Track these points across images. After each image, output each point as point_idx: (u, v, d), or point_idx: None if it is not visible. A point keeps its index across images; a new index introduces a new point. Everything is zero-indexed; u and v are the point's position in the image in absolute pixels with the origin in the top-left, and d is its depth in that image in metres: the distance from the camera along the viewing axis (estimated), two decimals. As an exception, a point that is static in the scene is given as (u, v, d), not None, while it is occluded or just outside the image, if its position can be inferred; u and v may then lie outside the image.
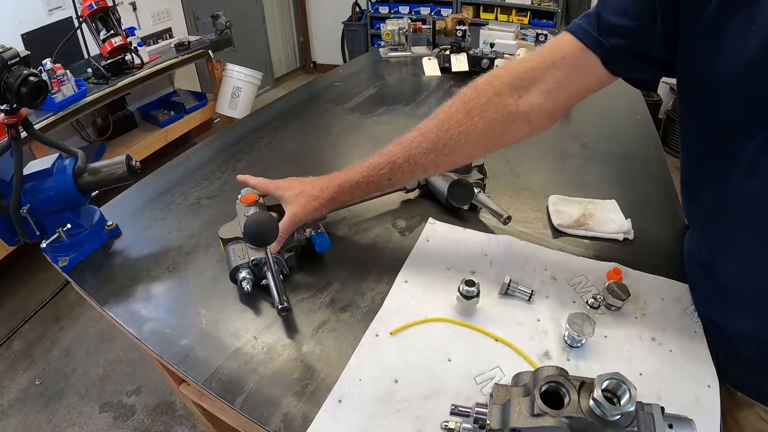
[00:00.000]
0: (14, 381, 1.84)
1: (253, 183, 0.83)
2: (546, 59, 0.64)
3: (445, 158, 0.70)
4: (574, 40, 0.62)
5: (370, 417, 0.56)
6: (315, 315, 0.71)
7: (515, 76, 0.66)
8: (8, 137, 0.74)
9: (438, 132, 0.68)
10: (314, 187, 0.76)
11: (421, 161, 0.69)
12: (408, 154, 0.70)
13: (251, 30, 4.30)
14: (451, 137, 0.67)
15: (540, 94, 0.65)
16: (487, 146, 0.70)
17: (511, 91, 0.65)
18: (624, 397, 0.44)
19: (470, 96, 0.68)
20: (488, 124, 0.66)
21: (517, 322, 0.68)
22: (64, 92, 2.12)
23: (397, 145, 0.72)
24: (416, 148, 0.69)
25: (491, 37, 1.91)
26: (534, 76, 0.65)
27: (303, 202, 0.74)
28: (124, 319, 0.72)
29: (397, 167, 0.70)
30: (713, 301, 0.67)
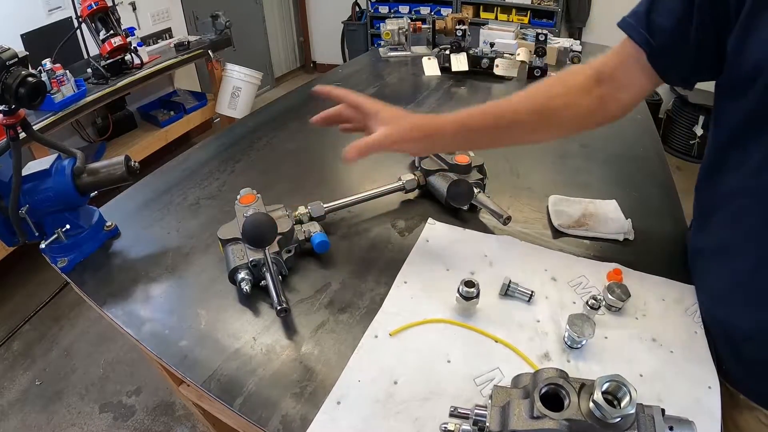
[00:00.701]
0: (14, 381, 1.84)
1: (337, 93, 0.77)
2: (617, 57, 0.71)
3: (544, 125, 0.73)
4: (630, 42, 0.68)
5: (369, 418, 0.56)
6: (314, 316, 0.71)
7: (597, 69, 0.73)
8: (7, 138, 0.74)
9: (542, 98, 0.73)
10: (416, 116, 0.72)
11: (522, 120, 0.72)
12: (515, 109, 0.73)
13: (251, 30, 4.30)
14: (553, 107, 0.72)
15: (616, 88, 0.71)
16: (578, 124, 0.75)
17: (596, 82, 0.72)
18: (624, 399, 0.43)
19: (565, 76, 0.75)
20: (583, 101, 0.72)
21: (516, 323, 0.68)
22: (63, 92, 2.12)
23: (504, 101, 0.74)
24: (521, 106, 0.73)
25: (491, 36, 1.91)
26: (610, 73, 0.72)
27: (403, 125, 0.70)
28: (123, 320, 0.72)
29: (503, 120, 0.72)
30: (720, 295, 0.67)
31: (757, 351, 0.62)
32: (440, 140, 0.73)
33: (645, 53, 0.66)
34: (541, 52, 1.64)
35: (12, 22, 2.35)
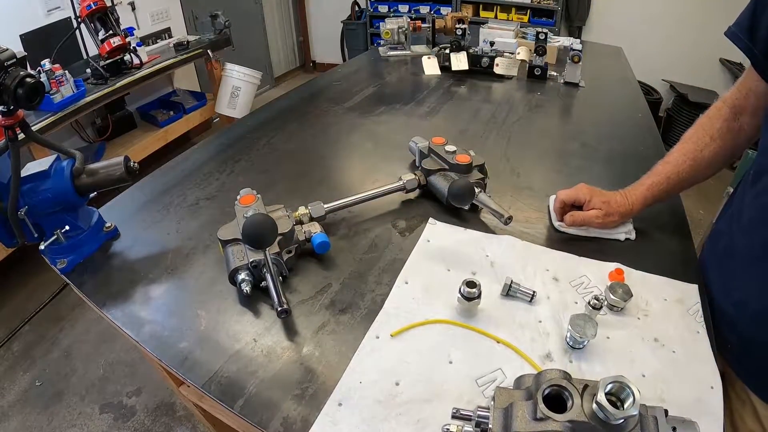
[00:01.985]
0: (14, 382, 1.84)
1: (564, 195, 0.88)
2: (743, 88, 0.79)
3: (703, 171, 0.83)
4: (752, 71, 0.75)
5: (371, 420, 0.55)
6: (315, 317, 0.70)
7: (730, 104, 0.81)
8: (5, 139, 0.73)
9: (695, 153, 0.82)
10: (622, 197, 0.85)
11: (685, 176, 0.83)
12: (678, 171, 0.83)
13: (250, 29, 4.29)
14: (704, 157, 0.81)
15: (748, 116, 0.79)
16: (727, 159, 0.83)
17: (733, 117, 0.81)
18: (628, 400, 0.43)
19: (709, 124, 0.83)
20: (727, 143, 0.81)
21: (518, 324, 0.68)
22: (63, 93, 2.11)
23: (668, 163, 0.84)
24: (681, 164, 0.82)
25: (491, 35, 1.91)
26: (741, 104, 0.80)
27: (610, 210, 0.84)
28: (122, 322, 0.72)
29: (678, 176, 0.83)
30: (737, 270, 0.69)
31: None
32: (640, 208, 0.85)
33: (750, 61, 0.72)
34: (541, 51, 1.64)
35: (11, 23, 2.35)
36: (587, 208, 0.85)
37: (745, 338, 0.68)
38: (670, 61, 3.56)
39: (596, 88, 1.61)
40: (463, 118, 1.37)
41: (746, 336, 0.67)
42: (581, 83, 1.60)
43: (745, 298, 0.67)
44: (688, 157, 0.82)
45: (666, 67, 3.57)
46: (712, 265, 0.77)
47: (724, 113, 0.81)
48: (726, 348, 0.70)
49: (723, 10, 0.70)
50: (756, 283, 0.66)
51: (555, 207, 0.89)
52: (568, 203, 0.87)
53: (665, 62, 3.57)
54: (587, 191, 0.85)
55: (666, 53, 3.60)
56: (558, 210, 0.88)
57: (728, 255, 0.73)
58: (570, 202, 0.87)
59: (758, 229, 0.66)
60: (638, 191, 0.84)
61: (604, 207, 0.83)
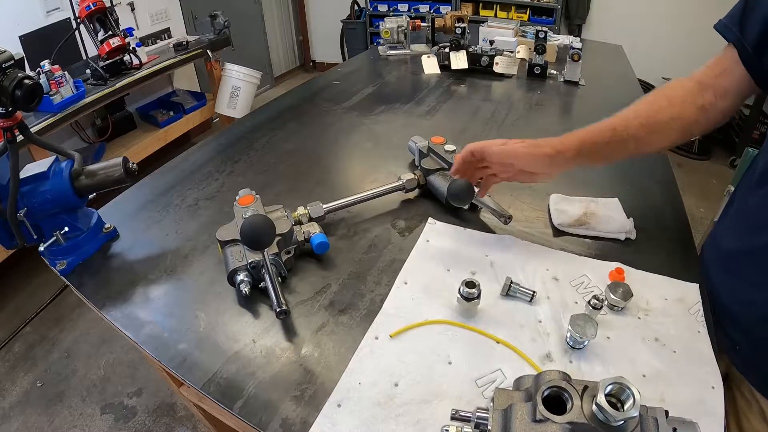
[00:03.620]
0: (15, 383, 1.84)
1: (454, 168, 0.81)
2: (717, 66, 0.75)
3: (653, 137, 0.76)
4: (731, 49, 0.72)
5: (370, 421, 0.55)
6: (314, 318, 0.70)
7: (698, 79, 0.76)
8: (4, 141, 0.73)
9: (649, 112, 0.76)
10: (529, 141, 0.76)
11: (635, 133, 0.75)
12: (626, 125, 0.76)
13: (250, 29, 4.29)
14: (659, 120, 0.75)
15: (716, 96, 0.74)
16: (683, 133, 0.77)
17: (698, 91, 0.75)
18: (628, 402, 0.43)
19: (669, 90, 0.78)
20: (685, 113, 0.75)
21: (518, 324, 0.68)
22: (62, 93, 2.12)
23: (613, 117, 0.77)
24: (632, 120, 0.76)
25: (491, 34, 1.90)
26: (710, 82, 0.75)
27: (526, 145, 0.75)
28: (122, 323, 0.72)
29: (617, 133, 0.75)
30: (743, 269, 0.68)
31: None
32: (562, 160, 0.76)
33: (738, 53, 0.69)
34: (541, 50, 1.63)
35: (10, 24, 2.35)
36: None
37: (754, 339, 0.67)
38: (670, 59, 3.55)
39: (596, 86, 1.61)
40: (462, 117, 1.37)
41: (756, 337, 0.66)
42: (581, 82, 1.60)
43: (754, 299, 0.66)
44: (640, 116, 0.75)
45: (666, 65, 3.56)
46: (715, 264, 0.75)
47: (687, 85, 0.76)
48: (734, 350, 0.69)
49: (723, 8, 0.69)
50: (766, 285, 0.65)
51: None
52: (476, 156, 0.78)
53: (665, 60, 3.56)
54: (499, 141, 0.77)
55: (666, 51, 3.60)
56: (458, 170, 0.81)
57: (733, 256, 0.72)
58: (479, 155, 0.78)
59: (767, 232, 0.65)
60: (574, 135, 0.76)
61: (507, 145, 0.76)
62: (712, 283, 0.74)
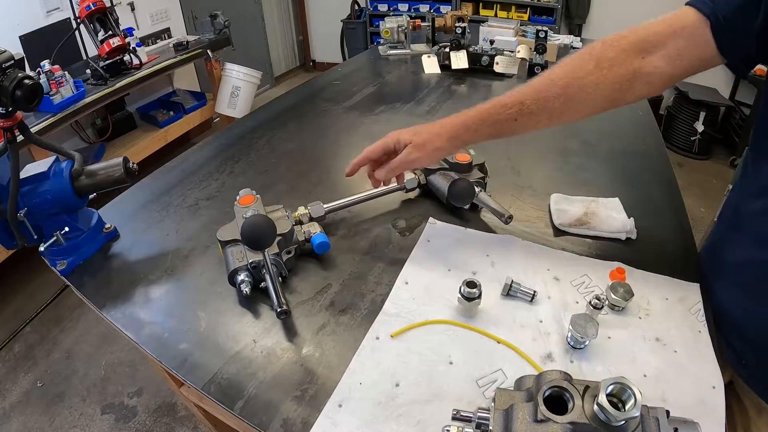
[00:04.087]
0: (16, 383, 1.84)
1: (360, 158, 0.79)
2: (668, 27, 0.65)
3: (572, 106, 0.70)
4: (695, 12, 0.63)
5: (371, 422, 0.55)
6: (314, 318, 0.70)
7: (641, 37, 0.67)
8: (4, 141, 0.73)
9: (568, 79, 0.69)
10: (431, 125, 0.76)
11: (548, 105, 0.69)
12: (537, 96, 0.70)
13: (250, 29, 4.29)
14: (581, 87, 0.68)
15: (662, 58, 0.66)
16: (612, 100, 0.70)
17: (636, 52, 0.66)
18: (629, 402, 0.43)
19: (599, 50, 0.69)
20: (616, 77, 0.67)
21: (519, 324, 0.67)
22: (62, 93, 2.11)
23: (526, 86, 0.71)
24: (546, 91, 0.69)
25: (491, 34, 1.90)
26: (658, 41, 0.66)
27: (424, 138, 0.75)
28: (122, 323, 0.72)
29: (526, 107, 0.70)
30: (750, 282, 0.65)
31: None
32: (470, 135, 0.74)
33: (709, 25, 0.61)
34: (542, 49, 1.63)
35: (10, 24, 2.35)
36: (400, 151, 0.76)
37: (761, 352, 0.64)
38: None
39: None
40: (463, 117, 1.37)
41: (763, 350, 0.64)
42: (582, 81, 1.59)
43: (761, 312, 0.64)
44: (557, 84, 0.68)
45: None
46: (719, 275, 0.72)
47: (624, 44, 0.67)
48: (740, 362, 0.67)
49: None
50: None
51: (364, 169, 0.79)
52: (375, 159, 0.78)
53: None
54: (393, 135, 0.77)
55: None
56: (370, 176, 0.80)
57: (739, 268, 0.68)
58: (378, 156, 0.78)
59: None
60: (473, 111, 0.73)
61: (414, 138, 0.75)
62: (716, 295, 0.71)
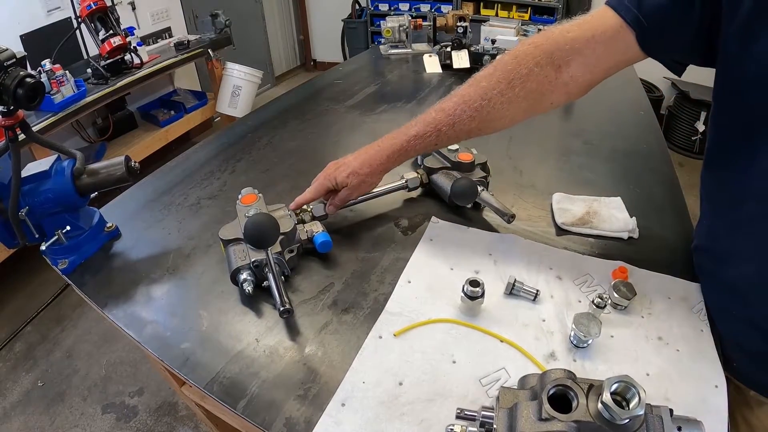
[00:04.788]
0: (16, 383, 1.84)
1: (298, 201, 0.85)
2: (586, 32, 0.65)
3: (488, 124, 0.73)
4: (615, 16, 0.62)
5: (374, 421, 0.55)
6: (317, 317, 0.70)
7: (556, 47, 0.66)
8: (6, 139, 0.73)
9: (481, 101, 0.71)
10: (363, 164, 0.82)
11: (464, 128, 0.73)
12: (453, 122, 0.74)
13: (251, 28, 4.29)
14: (494, 106, 0.70)
15: (579, 66, 0.66)
16: (527, 113, 0.73)
17: (551, 63, 0.67)
18: (633, 400, 0.43)
19: (512, 66, 0.69)
20: (529, 94, 0.69)
21: (522, 323, 0.67)
22: (63, 93, 2.11)
23: (440, 112, 0.75)
24: (460, 115, 0.73)
25: (492, 33, 1.90)
26: (574, 48, 0.65)
27: (356, 183, 0.82)
28: (124, 322, 0.72)
29: (443, 134, 0.75)
30: (729, 292, 0.66)
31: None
32: (395, 163, 0.81)
33: (634, 33, 0.61)
34: (543, 49, 1.63)
35: (11, 23, 2.35)
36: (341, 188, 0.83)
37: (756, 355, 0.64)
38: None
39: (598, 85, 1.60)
40: (464, 116, 1.37)
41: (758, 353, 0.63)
42: (583, 81, 1.59)
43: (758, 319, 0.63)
44: (471, 107, 0.71)
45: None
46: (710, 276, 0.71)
47: (537, 56, 0.66)
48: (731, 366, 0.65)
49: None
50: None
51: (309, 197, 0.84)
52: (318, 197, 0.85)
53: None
54: (330, 176, 0.83)
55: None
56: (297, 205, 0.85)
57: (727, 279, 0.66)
58: (321, 196, 0.85)
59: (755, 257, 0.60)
60: (397, 142, 0.78)
61: (350, 181, 0.81)
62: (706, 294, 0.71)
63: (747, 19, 0.51)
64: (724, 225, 0.66)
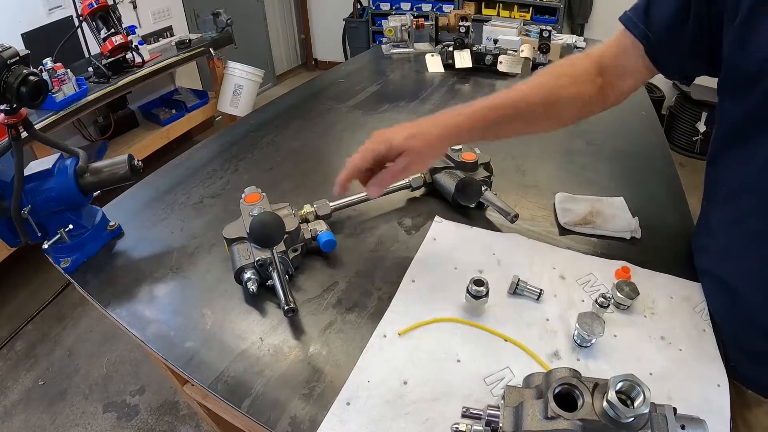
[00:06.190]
0: (17, 381, 1.84)
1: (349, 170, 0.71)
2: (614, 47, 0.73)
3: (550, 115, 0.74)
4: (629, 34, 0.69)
5: (379, 420, 0.55)
6: (321, 316, 0.70)
7: (596, 59, 0.74)
8: (8, 137, 0.73)
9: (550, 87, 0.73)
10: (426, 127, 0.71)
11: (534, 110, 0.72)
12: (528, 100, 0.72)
13: (252, 27, 4.29)
14: (560, 96, 0.73)
15: (614, 77, 0.73)
16: (580, 114, 0.76)
17: (596, 72, 0.74)
18: (638, 399, 0.43)
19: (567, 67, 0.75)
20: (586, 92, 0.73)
21: (526, 322, 0.67)
22: (65, 91, 2.11)
23: (513, 91, 0.73)
24: (533, 96, 0.72)
25: (494, 33, 1.90)
26: (608, 63, 0.73)
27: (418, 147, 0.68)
28: (127, 321, 0.72)
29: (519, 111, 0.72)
30: (727, 289, 0.66)
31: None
32: (457, 141, 0.75)
33: (643, 47, 0.67)
34: (545, 49, 1.63)
35: (13, 22, 2.34)
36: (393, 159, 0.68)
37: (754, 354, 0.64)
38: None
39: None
40: (466, 115, 1.37)
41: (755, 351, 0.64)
42: (585, 81, 1.59)
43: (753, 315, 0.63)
44: (541, 92, 0.71)
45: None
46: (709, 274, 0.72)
47: (586, 64, 0.73)
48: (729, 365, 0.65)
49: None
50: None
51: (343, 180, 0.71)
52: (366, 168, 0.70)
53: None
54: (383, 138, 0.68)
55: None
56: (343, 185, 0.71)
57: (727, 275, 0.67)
58: (369, 165, 0.70)
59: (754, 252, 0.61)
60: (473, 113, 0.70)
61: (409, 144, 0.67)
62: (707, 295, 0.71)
63: (747, 14, 0.53)
64: (722, 219, 0.67)
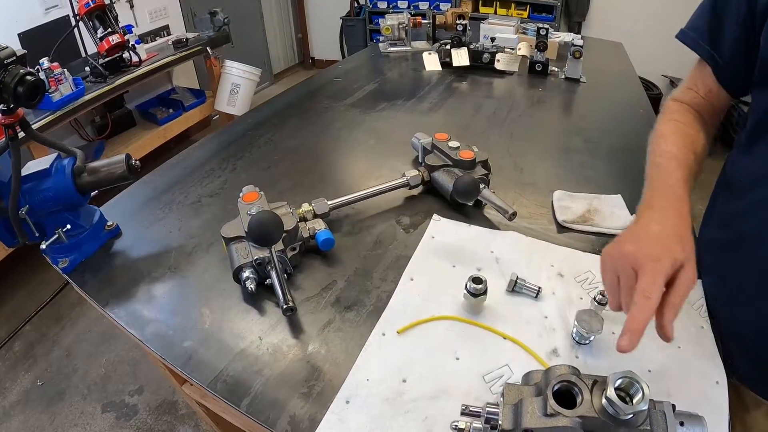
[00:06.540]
0: (16, 382, 1.84)
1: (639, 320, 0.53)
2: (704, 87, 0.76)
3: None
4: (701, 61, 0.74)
5: (379, 418, 0.55)
6: (320, 314, 0.70)
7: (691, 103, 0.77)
8: (6, 137, 0.73)
9: (692, 139, 0.74)
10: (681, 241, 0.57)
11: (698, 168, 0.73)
12: (698, 160, 0.73)
13: (249, 26, 4.28)
14: (703, 146, 0.74)
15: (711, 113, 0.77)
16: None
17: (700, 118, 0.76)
18: (637, 395, 0.43)
19: (686, 117, 0.76)
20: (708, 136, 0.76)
21: (524, 320, 0.68)
22: (61, 91, 2.10)
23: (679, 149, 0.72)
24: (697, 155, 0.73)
25: (492, 31, 1.90)
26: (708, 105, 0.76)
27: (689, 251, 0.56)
28: (125, 321, 0.72)
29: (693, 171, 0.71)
30: (734, 289, 0.66)
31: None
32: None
33: (710, 68, 0.70)
34: (542, 47, 1.63)
35: (9, 21, 2.33)
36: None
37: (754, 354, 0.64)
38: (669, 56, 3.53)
39: (597, 83, 1.61)
40: (465, 113, 1.37)
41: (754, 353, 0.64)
42: (582, 79, 1.60)
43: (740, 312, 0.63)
44: (690, 151, 0.69)
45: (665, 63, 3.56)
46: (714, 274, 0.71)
47: (691, 113, 0.75)
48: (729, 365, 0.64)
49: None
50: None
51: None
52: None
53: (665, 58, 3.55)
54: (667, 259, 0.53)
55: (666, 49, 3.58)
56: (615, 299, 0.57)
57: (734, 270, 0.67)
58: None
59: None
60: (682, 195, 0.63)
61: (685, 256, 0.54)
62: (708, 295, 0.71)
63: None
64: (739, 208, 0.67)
